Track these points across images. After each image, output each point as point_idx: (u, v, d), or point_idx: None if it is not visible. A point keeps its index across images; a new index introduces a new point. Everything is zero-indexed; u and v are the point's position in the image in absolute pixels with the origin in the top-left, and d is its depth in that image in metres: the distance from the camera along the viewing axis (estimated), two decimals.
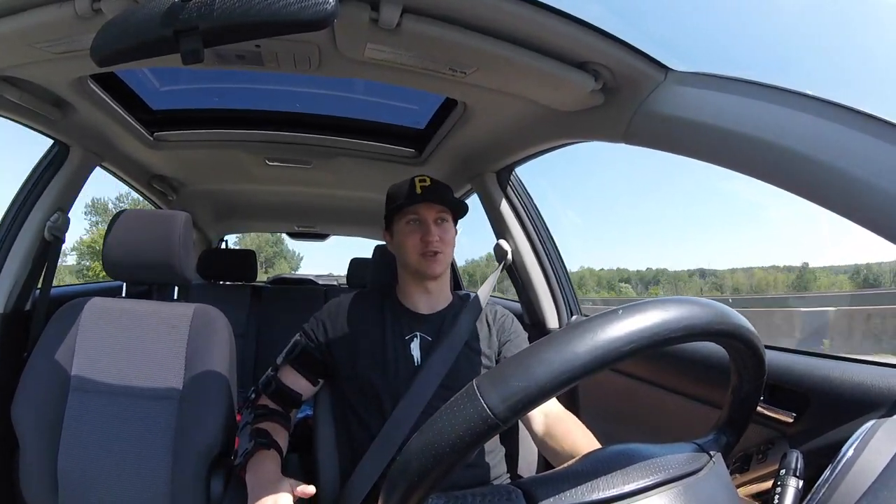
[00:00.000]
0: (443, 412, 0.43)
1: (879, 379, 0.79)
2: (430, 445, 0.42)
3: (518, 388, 0.41)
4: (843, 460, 0.55)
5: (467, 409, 0.41)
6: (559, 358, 0.42)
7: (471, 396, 0.42)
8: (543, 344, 0.44)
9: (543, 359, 0.42)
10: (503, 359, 1.20)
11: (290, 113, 1.80)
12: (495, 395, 0.41)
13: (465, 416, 0.41)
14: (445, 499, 0.49)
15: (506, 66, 1.02)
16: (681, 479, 0.50)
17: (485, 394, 0.41)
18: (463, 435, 0.41)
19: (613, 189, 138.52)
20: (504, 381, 0.42)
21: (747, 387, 0.57)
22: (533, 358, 0.42)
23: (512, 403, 0.41)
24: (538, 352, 0.43)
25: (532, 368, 0.42)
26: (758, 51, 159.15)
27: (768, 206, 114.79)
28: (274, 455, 1.05)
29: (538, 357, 0.42)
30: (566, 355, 0.42)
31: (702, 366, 1.12)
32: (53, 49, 1.01)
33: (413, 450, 0.43)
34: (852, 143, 0.69)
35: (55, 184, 1.52)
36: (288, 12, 0.66)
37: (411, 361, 1.15)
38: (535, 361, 0.42)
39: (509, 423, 0.41)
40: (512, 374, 0.42)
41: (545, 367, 0.42)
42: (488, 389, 0.42)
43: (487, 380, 0.43)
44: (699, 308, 0.47)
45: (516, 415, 0.41)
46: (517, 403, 0.41)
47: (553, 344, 0.43)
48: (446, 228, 1.18)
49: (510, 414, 0.41)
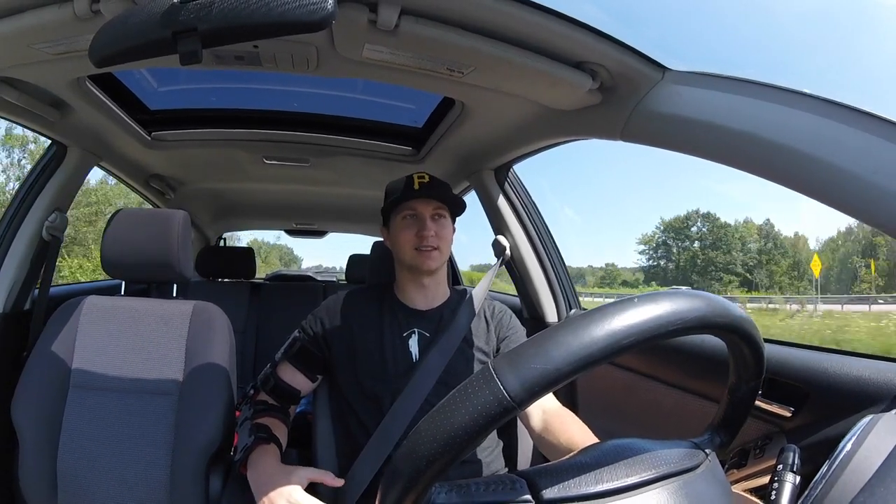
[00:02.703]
0: (455, 395, 0.42)
1: (878, 373, 0.80)
2: (441, 429, 0.41)
3: (536, 370, 0.41)
4: (841, 455, 0.55)
5: (483, 392, 0.41)
6: (576, 342, 0.42)
7: (487, 379, 0.41)
8: (560, 328, 0.44)
9: (561, 342, 0.42)
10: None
11: (288, 112, 1.80)
12: (513, 377, 0.41)
13: (481, 399, 0.41)
14: (449, 487, 0.49)
15: (503, 66, 1.02)
16: (680, 474, 0.50)
17: (502, 376, 0.41)
18: (477, 417, 0.40)
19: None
20: (522, 364, 0.42)
21: (745, 387, 0.57)
22: (550, 341, 0.42)
23: (529, 386, 0.41)
24: (555, 335, 0.43)
25: (550, 351, 0.42)
26: (754, 50, 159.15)
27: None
28: (274, 450, 1.06)
29: (555, 340, 0.42)
30: (583, 339, 0.42)
31: (702, 361, 1.13)
32: (52, 50, 1.01)
33: (422, 434, 0.42)
34: (849, 140, 0.69)
35: (53, 184, 1.52)
36: (286, 13, 0.66)
37: (409, 357, 1.16)
38: (552, 344, 0.42)
39: (525, 406, 0.41)
40: (530, 356, 0.42)
41: (563, 349, 0.42)
42: (505, 372, 0.41)
43: (504, 362, 0.42)
44: (708, 301, 0.47)
45: (533, 397, 0.41)
46: (534, 385, 0.41)
47: (570, 328, 0.43)
48: (443, 224, 1.18)
49: (527, 396, 0.41)
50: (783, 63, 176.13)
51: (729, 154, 0.84)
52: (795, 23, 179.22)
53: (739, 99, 0.82)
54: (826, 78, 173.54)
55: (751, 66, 30.05)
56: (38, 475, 1.14)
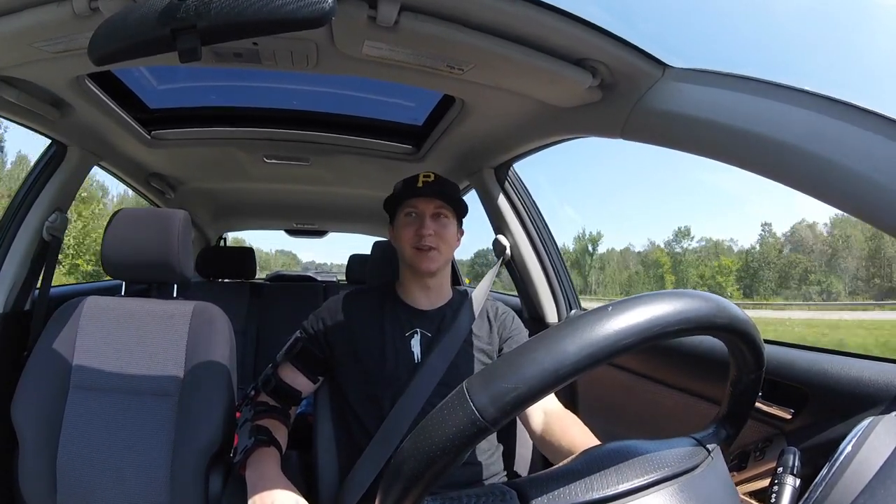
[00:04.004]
0: (434, 414, 0.42)
1: (878, 375, 0.79)
2: (422, 448, 0.41)
3: (507, 389, 0.40)
4: (841, 457, 0.54)
5: (457, 412, 0.41)
6: (549, 358, 0.41)
7: (461, 398, 0.41)
8: (533, 343, 0.43)
9: (533, 358, 0.41)
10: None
11: (288, 110, 1.79)
12: (484, 396, 0.40)
13: (455, 419, 0.40)
14: (441, 500, 0.49)
15: (503, 63, 1.02)
16: (677, 476, 0.50)
17: (474, 396, 0.41)
18: (453, 438, 0.40)
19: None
20: (493, 383, 0.41)
21: (746, 379, 0.56)
22: (522, 357, 0.42)
23: (501, 405, 0.40)
24: (527, 351, 0.42)
25: (522, 369, 0.41)
26: (755, 47, 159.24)
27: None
28: (274, 452, 1.05)
29: (528, 357, 0.41)
30: (556, 355, 0.41)
31: (701, 361, 1.12)
32: (51, 48, 1.00)
33: (406, 452, 0.43)
34: (849, 137, 0.69)
35: (53, 183, 1.52)
36: (286, 10, 0.66)
37: (411, 358, 1.15)
38: (525, 361, 0.41)
39: (499, 425, 0.40)
40: (501, 375, 0.41)
41: (535, 366, 0.41)
42: (478, 391, 0.41)
43: (477, 381, 0.42)
44: (693, 301, 0.46)
45: (506, 416, 0.40)
46: (506, 405, 0.40)
47: (543, 343, 0.42)
48: (444, 224, 1.17)
49: (500, 415, 0.40)
50: (784, 60, 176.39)
51: (729, 151, 0.84)
52: (796, 20, 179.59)
53: (740, 96, 0.82)
54: (826, 75, 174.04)
55: (751, 64, 30.22)
56: (37, 475, 1.14)
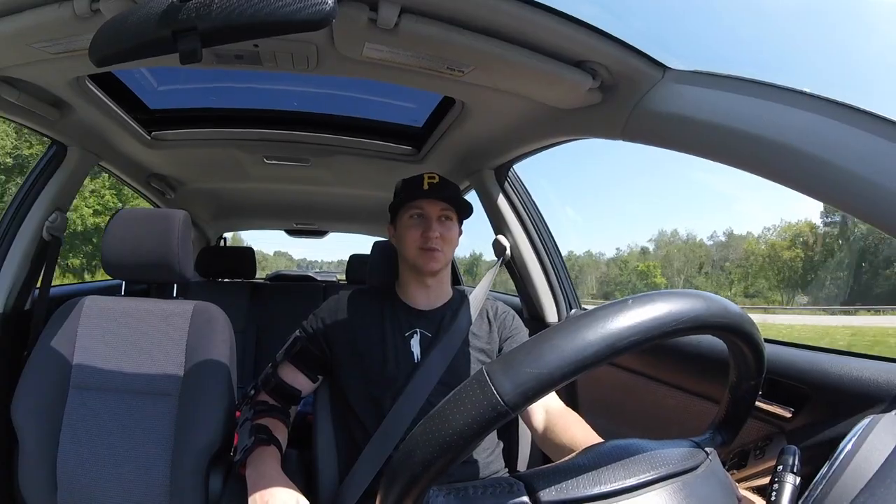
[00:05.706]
0: (450, 400, 0.42)
1: (878, 374, 0.80)
2: (437, 434, 0.41)
3: (530, 374, 0.41)
4: (842, 456, 0.54)
5: (476, 396, 0.41)
6: (570, 345, 0.42)
7: (481, 383, 0.41)
8: (553, 331, 0.43)
9: (554, 345, 0.42)
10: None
11: (288, 111, 1.80)
12: (507, 381, 0.41)
13: (475, 403, 0.41)
14: (447, 490, 0.49)
15: (503, 66, 1.02)
16: (681, 474, 0.50)
17: (495, 380, 0.41)
18: (471, 422, 0.41)
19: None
20: (515, 368, 0.41)
21: (745, 385, 0.57)
22: (544, 345, 0.42)
23: (524, 390, 0.41)
24: (549, 339, 0.43)
25: (543, 355, 0.41)
26: (755, 49, 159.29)
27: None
28: (274, 451, 1.06)
29: (549, 344, 0.42)
30: (577, 342, 0.42)
31: (702, 361, 1.13)
32: (52, 49, 1.01)
33: (417, 439, 0.43)
34: (849, 139, 0.69)
35: (53, 183, 1.52)
36: (286, 12, 0.66)
37: (411, 358, 1.15)
38: (546, 348, 0.42)
39: (519, 410, 0.41)
40: (523, 360, 0.42)
41: (556, 353, 0.41)
42: (500, 376, 0.41)
43: (498, 366, 0.42)
44: (705, 301, 0.47)
45: (527, 401, 0.41)
46: (529, 390, 0.41)
47: (563, 331, 0.43)
48: (449, 227, 1.18)
49: (521, 400, 0.41)
50: (784, 62, 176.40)
51: (729, 153, 0.84)
52: (796, 22, 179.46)
53: (740, 98, 0.82)
54: (826, 76, 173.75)
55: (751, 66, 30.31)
56: (37, 475, 1.14)
